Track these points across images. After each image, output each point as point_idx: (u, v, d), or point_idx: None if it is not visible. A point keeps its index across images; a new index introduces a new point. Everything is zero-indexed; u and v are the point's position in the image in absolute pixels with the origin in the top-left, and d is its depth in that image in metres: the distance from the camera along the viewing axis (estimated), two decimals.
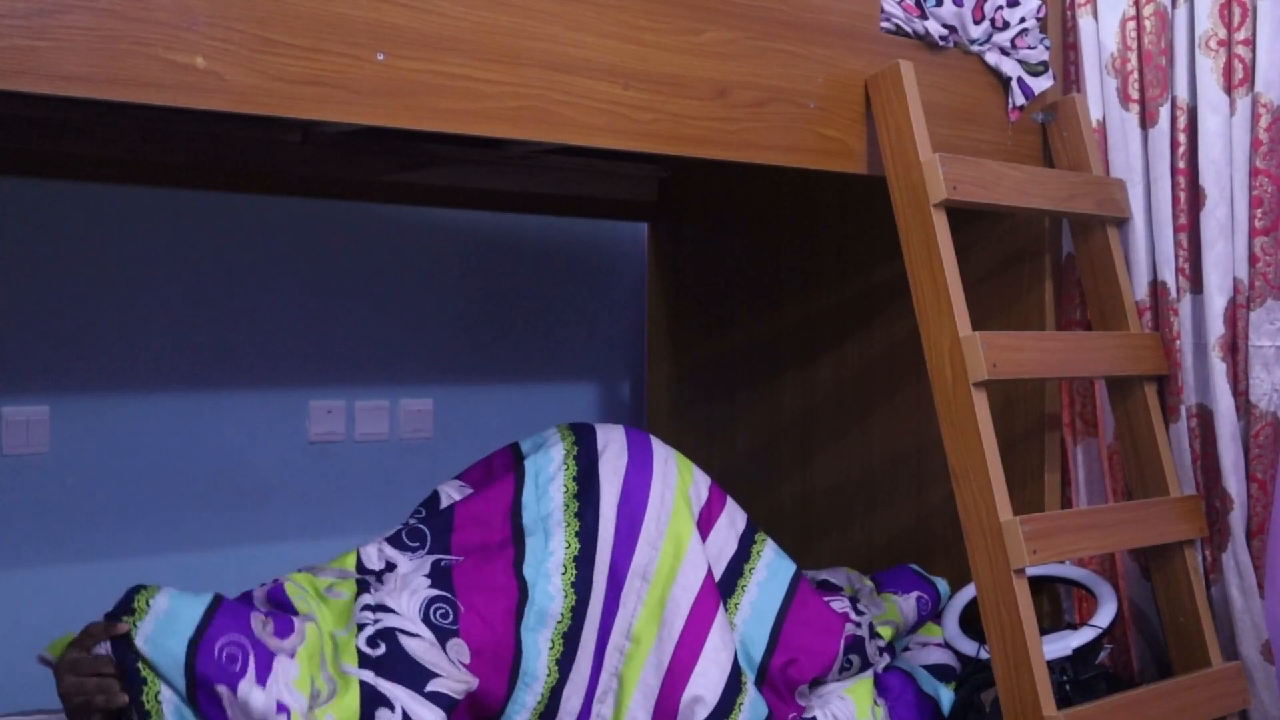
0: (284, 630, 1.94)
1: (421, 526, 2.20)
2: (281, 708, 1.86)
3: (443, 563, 2.13)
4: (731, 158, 2.09)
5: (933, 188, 2.13)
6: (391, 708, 1.91)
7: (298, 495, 3.03)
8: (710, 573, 2.22)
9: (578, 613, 2.11)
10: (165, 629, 1.84)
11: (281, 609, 2.00)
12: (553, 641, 2.08)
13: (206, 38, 1.57)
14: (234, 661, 1.86)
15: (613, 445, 2.29)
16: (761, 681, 2.23)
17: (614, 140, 1.95)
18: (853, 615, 2.36)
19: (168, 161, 2.67)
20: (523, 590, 2.10)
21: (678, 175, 3.31)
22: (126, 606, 1.86)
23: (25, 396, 2.70)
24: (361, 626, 1.99)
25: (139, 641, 1.81)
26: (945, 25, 2.36)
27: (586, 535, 2.17)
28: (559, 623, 2.10)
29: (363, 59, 1.70)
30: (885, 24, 2.28)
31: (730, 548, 2.31)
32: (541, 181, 3.19)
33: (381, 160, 2.90)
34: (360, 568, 2.12)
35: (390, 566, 2.13)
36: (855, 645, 2.31)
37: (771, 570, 2.33)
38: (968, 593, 2.50)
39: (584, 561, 2.15)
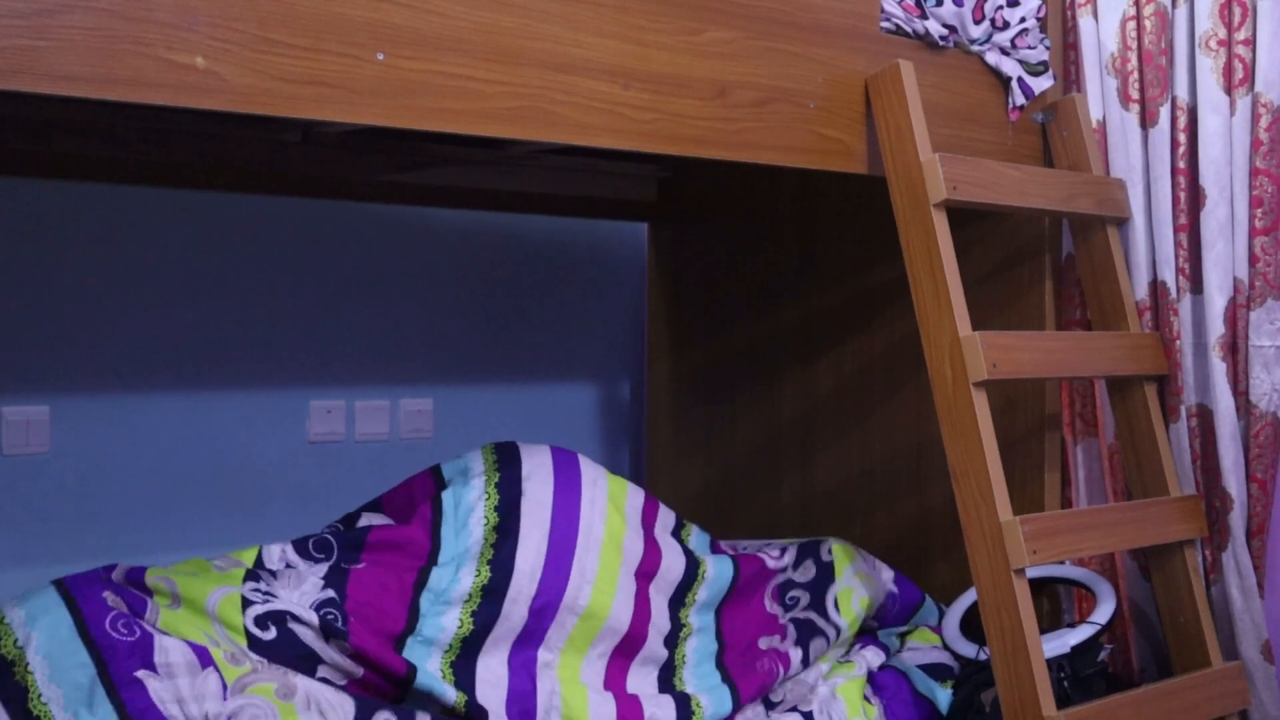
0: (139, 607, 1.90)
1: (331, 539, 2.17)
2: (201, 652, 1.84)
3: (342, 566, 2.10)
4: (731, 158, 2.09)
5: (933, 188, 2.13)
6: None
7: (298, 495, 3.03)
8: (641, 602, 2.21)
9: (470, 643, 2.08)
10: (51, 643, 1.78)
11: (138, 588, 1.96)
12: (442, 670, 2.06)
13: (206, 38, 1.57)
14: (130, 630, 1.82)
15: (538, 473, 2.24)
16: (722, 657, 2.25)
17: (614, 140, 1.95)
18: (779, 612, 2.36)
19: (168, 161, 2.67)
20: (411, 620, 2.07)
21: (678, 175, 3.31)
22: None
23: (25, 396, 2.69)
24: (249, 603, 1.96)
25: (39, 682, 1.76)
26: (945, 25, 2.36)
27: (500, 567, 2.13)
28: (446, 651, 2.07)
29: (363, 59, 1.70)
30: (885, 24, 2.28)
31: (677, 556, 2.32)
32: (541, 181, 3.18)
33: (381, 160, 2.90)
34: (258, 563, 2.09)
35: (289, 568, 2.11)
36: (805, 630, 2.33)
37: (718, 569, 2.35)
38: (969, 597, 2.49)
39: (491, 591, 2.11)
